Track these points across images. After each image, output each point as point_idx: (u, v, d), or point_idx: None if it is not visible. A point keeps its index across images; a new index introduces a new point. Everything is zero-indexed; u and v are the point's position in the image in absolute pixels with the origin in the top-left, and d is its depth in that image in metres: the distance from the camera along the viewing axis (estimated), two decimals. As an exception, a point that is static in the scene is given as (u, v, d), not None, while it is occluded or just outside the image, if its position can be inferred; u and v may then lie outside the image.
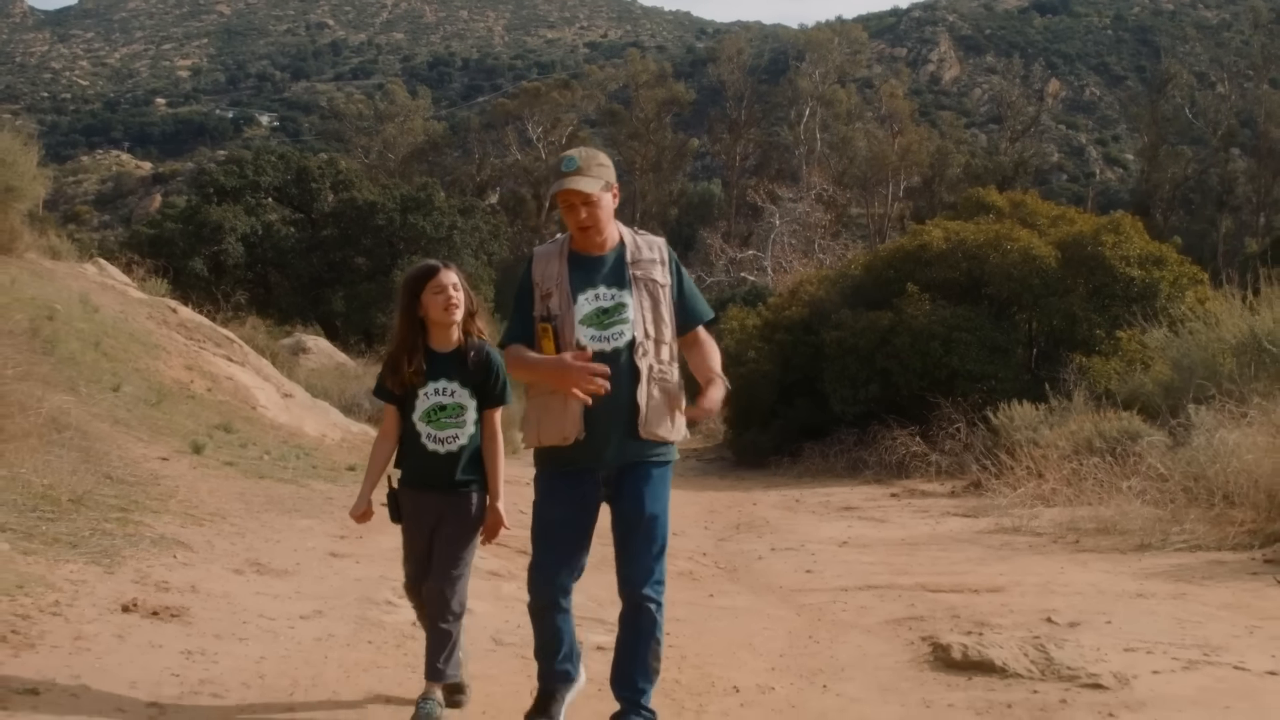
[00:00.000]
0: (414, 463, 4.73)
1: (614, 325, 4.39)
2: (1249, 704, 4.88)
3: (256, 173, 37.36)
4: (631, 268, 4.49)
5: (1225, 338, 14.21)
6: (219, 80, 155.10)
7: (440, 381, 4.69)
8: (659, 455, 4.47)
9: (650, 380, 4.38)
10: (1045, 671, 5.43)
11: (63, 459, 8.23)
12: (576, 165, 4.40)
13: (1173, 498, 10.29)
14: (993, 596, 7.36)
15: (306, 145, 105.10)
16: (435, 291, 4.65)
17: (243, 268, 34.35)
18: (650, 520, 4.42)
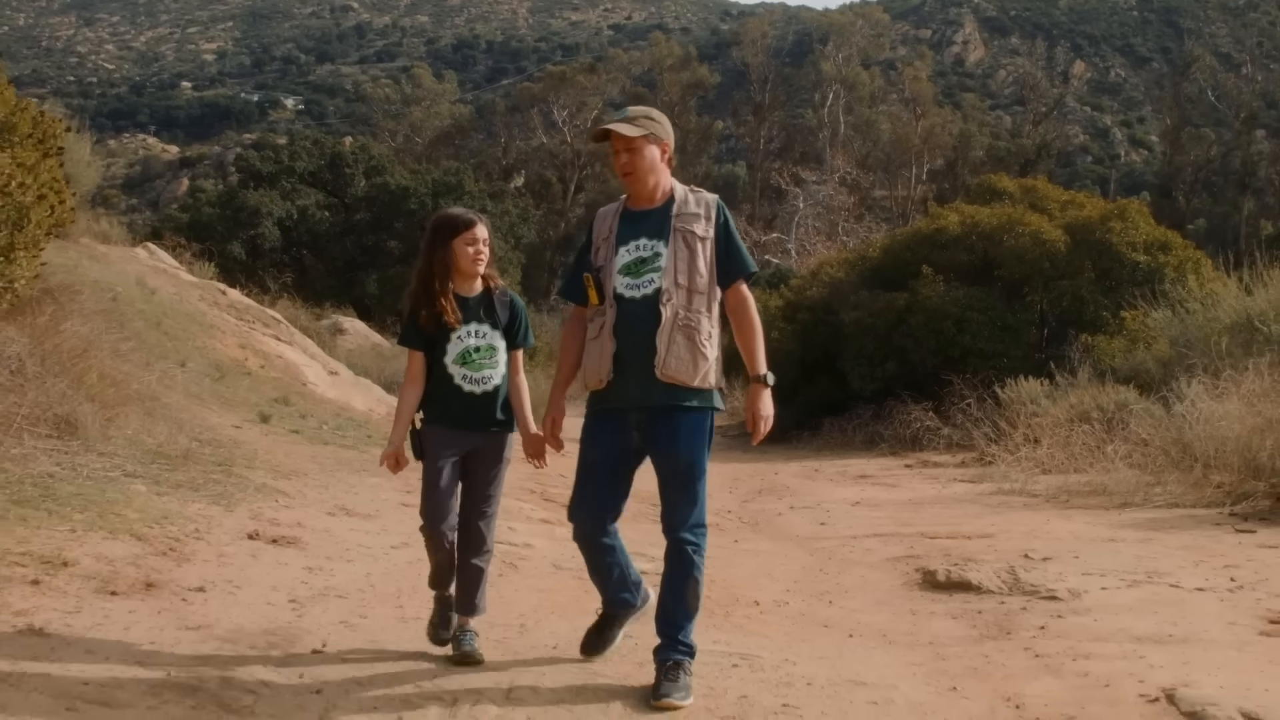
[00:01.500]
0: (448, 405, 4.85)
1: (646, 274, 4.56)
2: (1174, 609, 5.96)
3: (291, 158, 38.30)
4: (675, 220, 4.63)
5: (1221, 318, 15.07)
6: (244, 64, 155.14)
7: (471, 325, 4.84)
8: (689, 401, 4.57)
9: (674, 326, 4.50)
10: (1012, 589, 6.56)
11: (160, 424, 9.30)
12: (626, 114, 4.68)
13: (1156, 462, 11.27)
14: (982, 541, 8.42)
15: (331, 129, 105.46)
16: (468, 243, 4.82)
17: (279, 251, 35.33)
18: (685, 466, 4.58)
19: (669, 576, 4.64)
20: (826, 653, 5.36)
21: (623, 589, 4.86)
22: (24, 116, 8.41)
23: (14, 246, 7.62)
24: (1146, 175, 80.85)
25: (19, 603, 4.73)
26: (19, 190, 7.46)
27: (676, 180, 4.78)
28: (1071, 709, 4.42)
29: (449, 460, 4.81)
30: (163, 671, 4.25)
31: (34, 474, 6.56)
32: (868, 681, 4.82)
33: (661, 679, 4.48)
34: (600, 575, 4.84)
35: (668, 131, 4.74)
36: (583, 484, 4.71)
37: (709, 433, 4.68)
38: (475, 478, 4.89)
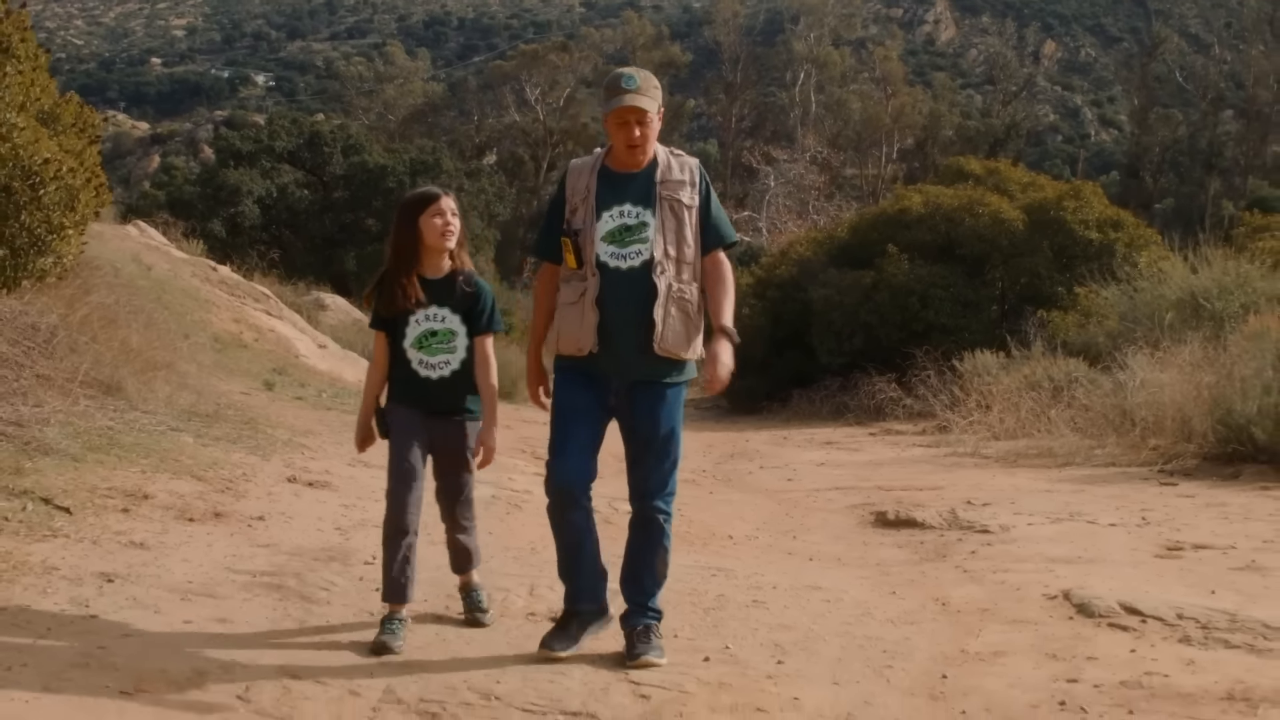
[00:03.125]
0: (405, 388, 4.79)
1: (633, 244, 4.45)
2: (1087, 539, 6.99)
3: (270, 137, 38.82)
4: (660, 186, 4.50)
5: (1167, 295, 16.07)
6: (214, 40, 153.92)
7: (431, 308, 4.73)
8: (674, 375, 4.54)
9: (669, 299, 4.42)
10: (952, 525, 7.60)
11: (183, 389, 10.19)
12: (637, 84, 4.43)
13: (1098, 426, 12.29)
14: (931, 492, 9.44)
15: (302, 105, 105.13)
16: (434, 215, 4.68)
17: (258, 229, 35.93)
18: (665, 436, 4.52)
19: (638, 546, 4.62)
20: (789, 570, 6.38)
21: (592, 578, 4.67)
22: (67, 107, 9.28)
23: (64, 226, 8.49)
24: (1116, 155, 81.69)
25: (117, 525, 5.69)
26: (69, 175, 8.33)
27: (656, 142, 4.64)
28: (986, 605, 5.44)
29: (414, 445, 4.73)
30: (248, 575, 5.25)
31: (97, 427, 7.49)
32: (823, 587, 5.83)
33: (635, 641, 4.48)
34: (572, 555, 4.65)
35: (662, 95, 4.59)
36: (563, 427, 4.55)
37: (683, 404, 4.68)
38: (445, 467, 4.87)
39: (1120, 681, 4.22)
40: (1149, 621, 4.95)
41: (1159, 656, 4.51)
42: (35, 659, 3.87)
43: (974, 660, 4.60)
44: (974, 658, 4.63)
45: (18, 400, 7.47)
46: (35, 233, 8.27)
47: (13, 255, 8.50)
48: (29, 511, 5.49)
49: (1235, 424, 10.07)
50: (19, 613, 4.32)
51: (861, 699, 4.11)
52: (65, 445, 6.73)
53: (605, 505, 4.47)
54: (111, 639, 4.15)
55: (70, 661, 3.88)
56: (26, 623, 4.22)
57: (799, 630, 5.00)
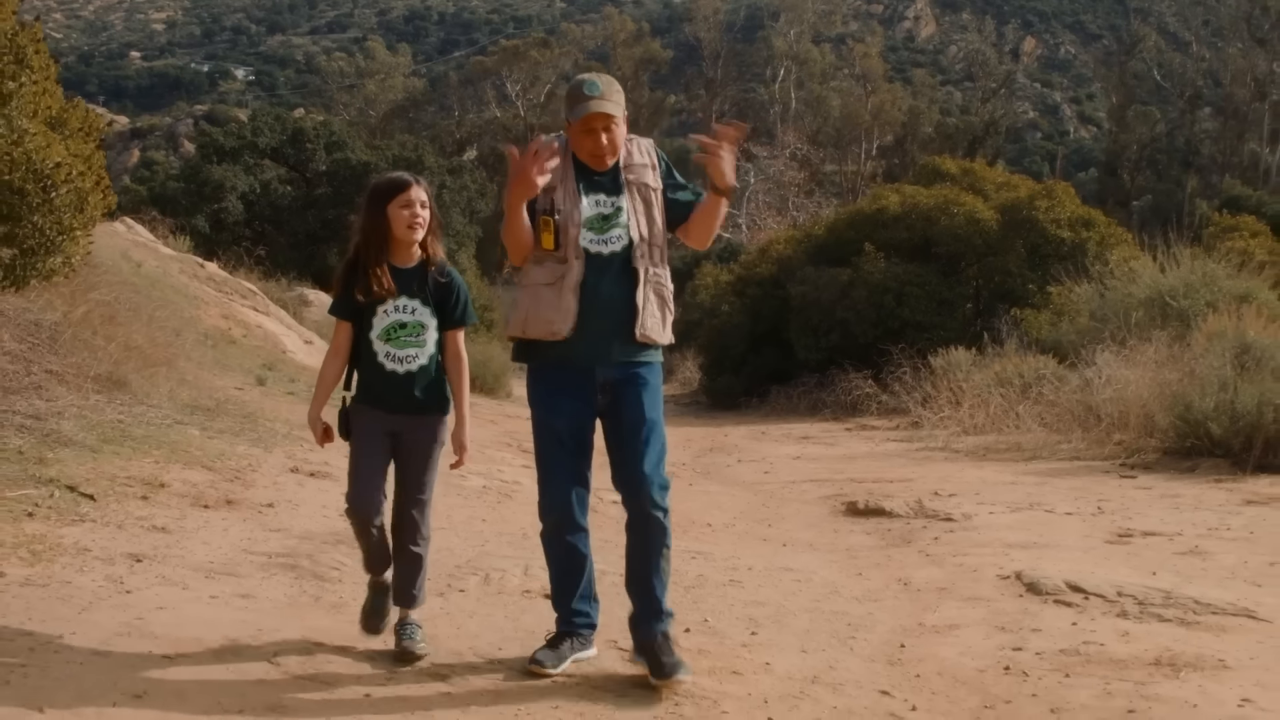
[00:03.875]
0: (370, 382, 4.54)
1: (611, 229, 4.39)
2: (1043, 527, 7.47)
3: (254, 133, 39.05)
4: (625, 172, 4.48)
5: (1136, 293, 16.55)
6: (194, 33, 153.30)
7: (401, 298, 4.50)
8: (652, 359, 4.49)
9: (647, 283, 4.40)
10: (918, 513, 8.07)
11: (182, 384, 10.57)
12: (600, 90, 4.35)
13: (1064, 422, 12.76)
14: (901, 483, 9.90)
15: (282, 100, 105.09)
16: (403, 206, 4.45)
17: (241, 225, 36.18)
18: (652, 426, 4.43)
19: (641, 551, 4.46)
20: (764, 553, 6.84)
21: (586, 599, 4.55)
22: (74, 112, 9.65)
23: (73, 228, 8.87)
24: (1095, 152, 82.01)
25: (138, 511, 6.10)
26: (79, 178, 8.70)
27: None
28: (944, 585, 5.91)
29: (376, 444, 4.52)
30: (264, 556, 5.67)
31: (108, 420, 7.89)
32: (794, 569, 6.29)
33: (659, 656, 4.29)
34: (566, 578, 4.54)
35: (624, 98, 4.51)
36: (552, 458, 4.48)
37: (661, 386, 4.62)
38: (406, 464, 4.57)
39: (1060, 650, 4.69)
40: (1091, 598, 5.42)
41: (1097, 629, 4.98)
42: (82, 628, 4.29)
43: (930, 632, 5.07)
44: (930, 630, 5.10)
45: (32, 395, 7.88)
46: (46, 234, 8.65)
47: (23, 255, 8.88)
48: (56, 498, 5.90)
49: (1193, 420, 10.53)
50: (61, 587, 4.74)
51: (827, 664, 4.57)
52: (82, 437, 7.15)
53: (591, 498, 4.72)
54: (147, 611, 4.56)
55: (114, 630, 4.30)
56: (69, 597, 4.64)
57: (771, 606, 5.47)
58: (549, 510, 4.48)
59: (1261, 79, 61.41)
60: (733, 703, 4.08)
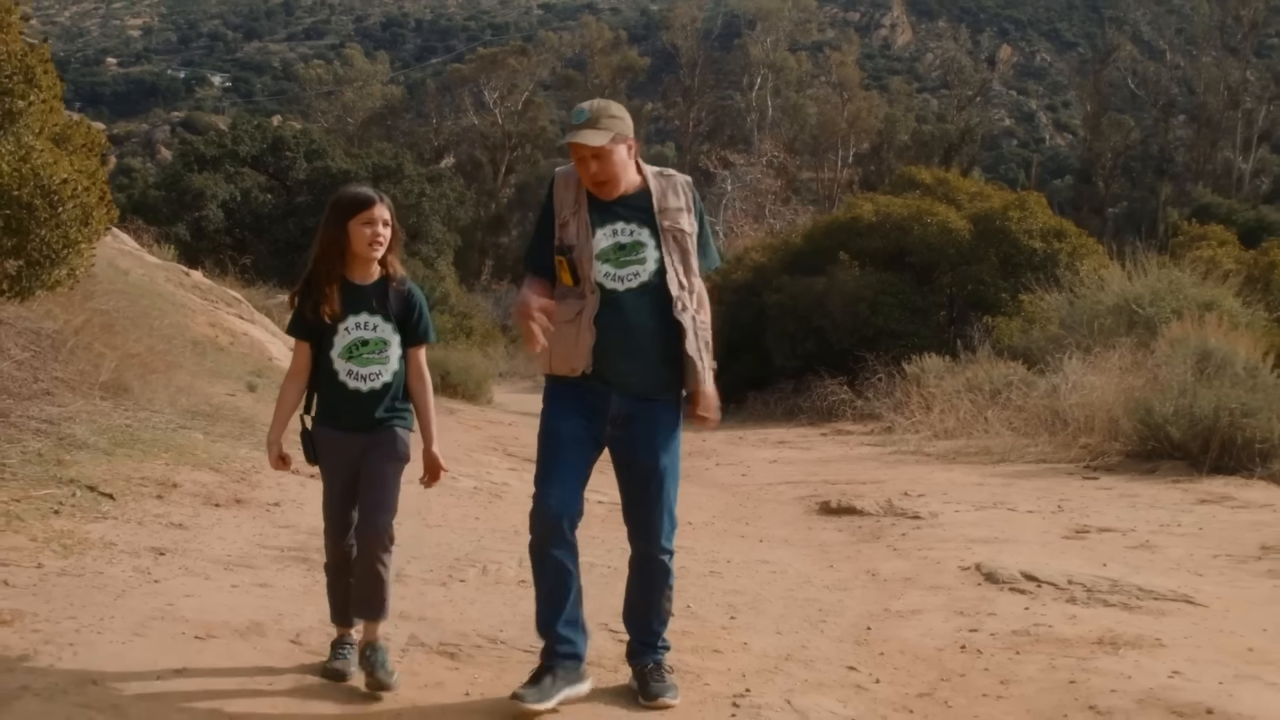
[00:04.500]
0: (333, 403, 4.43)
1: (629, 265, 4.26)
2: (1005, 524, 7.91)
3: (234, 142, 39.35)
4: (660, 217, 4.32)
5: (1105, 301, 17.02)
6: (170, 40, 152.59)
7: (362, 315, 4.38)
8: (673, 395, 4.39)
9: (696, 335, 4.35)
10: (887, 512, 8.51)
11: (179, 391, 10.94)
12: (586, 116, 4.22)
13: (1032, 426, 13.21)
14: (873, 485, 10.33)
15: (259, 106, 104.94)
16: (364, 223, 4.32)
17: (222, 233, 36.41)
18: (665, 473, 4.35)
19: (643, 589, 4.45)
20: (742, 548, 7.27)
21: (572, 626, 4.32)
22: (77, 129, 10.04)
23: (79, 241, 9.24)
24: (1071, 159, 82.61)
25: (155, 509, 6.50)
26: (84, 193, 9.07)
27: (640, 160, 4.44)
28: (909, 575, 6.36)
29: (345, 473, 4.43)
30: (277, 550, 6.08)
31: (116, 425, 8.27)
32: (770, 561, 6.73)
33: (649, 680, 4.29)
34: (553, 599, 4.30)
35: (629, 125, 4.32)
36: (555, 452, 4.31)
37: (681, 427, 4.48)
38: (368, 476, 4.40)
39: (1012, 631, 5.13)
40: (1043, 586, 5.86)
41: (1047, 613, 5.42)
42: (119, 613, 4.68)
43: (894, 617, 5.51)
44: (894, 615, 5.54)
45: (43, 401, 8.25)
46: (54, 247, 9.02)
47: (29, 267, 9.25)
48: (78, 497, 6.29)
49: (1154, 424, 10.98)
50: (94, 577, 5.13)
51: (799, 644, 5.00)
52: (94, 440, 7.53)
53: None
54: (176, 598, 4.96)
55: (148, 615, 4.69)
56: (103, 585, 5.03)
57: (749, 594, 5.90)
58: (539, 518, 4.25)
59: (1234, 87, 62.02)
60: (714, 676, 4.51)
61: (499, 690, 4.17)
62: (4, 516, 5.67)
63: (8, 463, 6.55)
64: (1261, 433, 10.21)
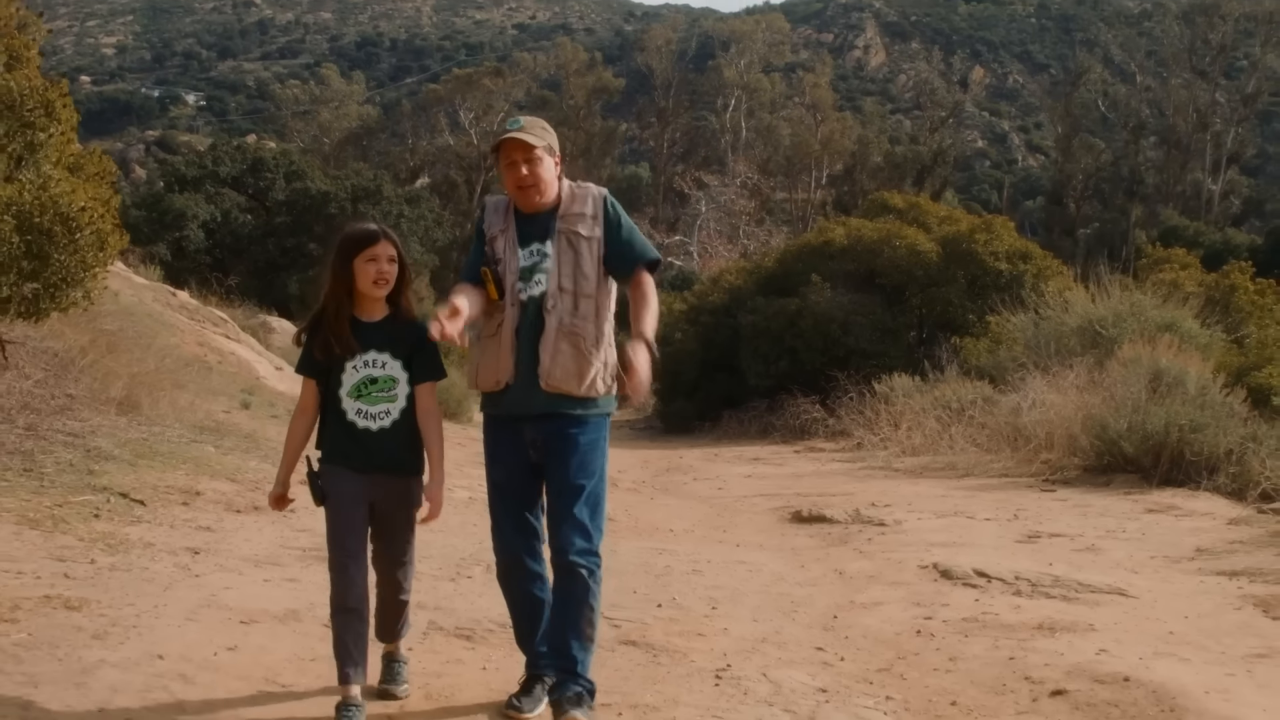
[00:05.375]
0: (341, 442, 4.37)
1: (536, 275, 4.33)
2: (963, 530, 8.57)
3: (215, 163, 39.73)
4: (559, 221, 4.38)
5: (1069, 322, 17.67)
6: (144, 58, 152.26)
7: (370, 353, 4.34)
8: (576, 410, 4.36)
9: (559, 334, 4.29)
10: (855, 520, 9.15)
11: (185, 409, 11.49)
12: (521, 124, 4.39)
13: (995, 442, 13.85)
14: (843, 497, 10.96)
15: (233, 125, 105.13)
16: (369, 260, 4.29)
17: (203, 253, 36.75)
18: (577, 482, 4.33)
19: (560, 606, 4.33)
20: (721, 551, 7.91)
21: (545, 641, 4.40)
22: (90, 159, 10.62)
23: (94, 265, 9.80)
24: (1043, 180, 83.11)
25: (183, 514, 7.08)
26: (100, 220, 9.63)
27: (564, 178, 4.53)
28: (873, 573, 7.00)
29: (353, 509, 4.37)
30: (299, 550, 6.66)
31: (134, 438, 8.84)
32: (747, 562, 7.36)
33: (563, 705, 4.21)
34: (525, 620, 4.50)
35: (557, 143, 4.49)
36: (496, 506, 4.50)
37: (604, 442, 4.50)
38: (385, 527, 4.43)
39: (962, 618, 5.77)
40: (993, 581, 6.50)
41: (995, 603, 6.07)
42: (170, 602, 5.27)
43: (858, 607, 6.14)
44: (858, 606, 6.18)
45: (65, 416, 8.82)
46: (71, 270, 9.57)
47: (46, 289, 9.80)
48: (112, 504, 6.86)
49: (1109, 439, 11.62)
50: (142, 572, 5.71)
51: (774, 630, 5.62)
52: (118, 453, 8.11)
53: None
54: (217, 590, 5.54)
55: (196, 604, 5.28)
56: (151, 579, 5.60)
57: (728, 589, 6.52)
58: (499, 555, 4.49)
59: (1203, 110, 62.81)
60: (699, 655, 5.12)
61: (511, 667, 4.71)
62: (51, 520, 6.25)
63: (45, 472, 7.13)
64: (1208, 447, 10.85)
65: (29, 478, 6.98)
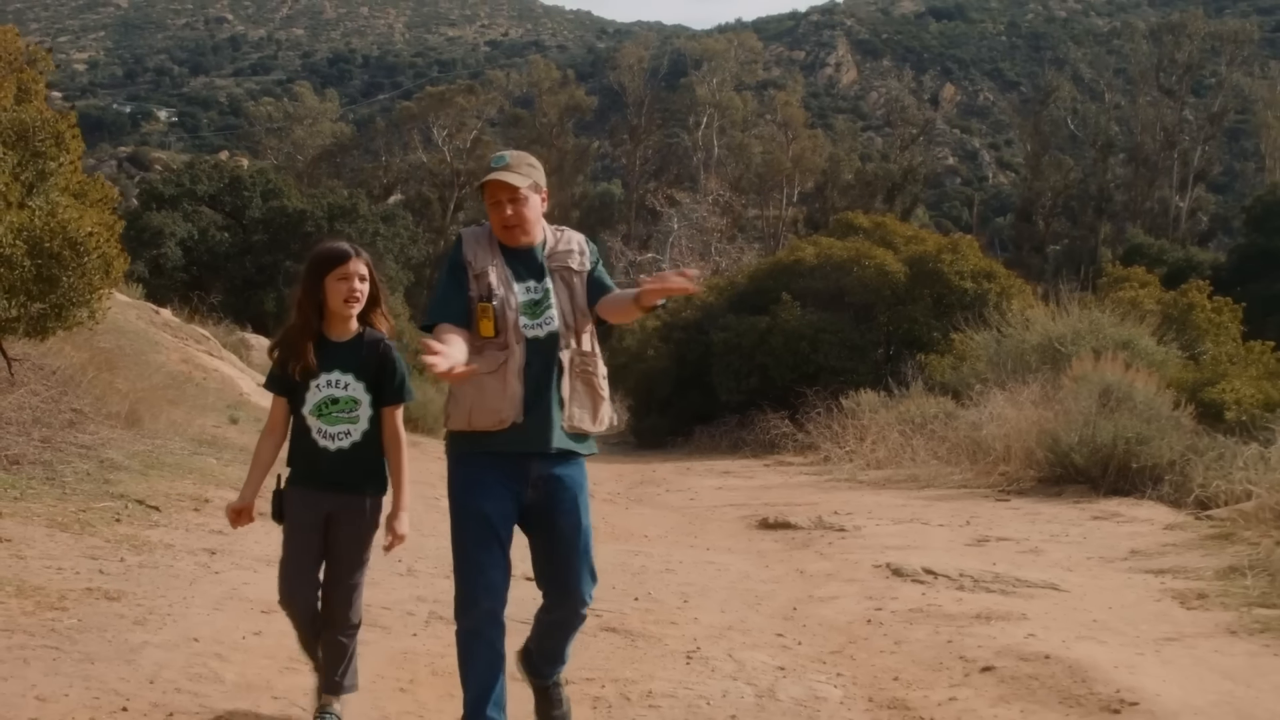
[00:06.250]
0: (303, 460, 4.42)
1: (543, 313, 4.22)
2: (918, 535, 9.25)
3: (192, 181, 40.07)
4: (548, 260, 4.30)
5: (1029, 340, 18.32)
6: (116, 74, 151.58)
7: (334, 373, 4.32)
8: (584, 451, 4.33)
9: (572, 373, 4.24)
10: (817, 526, 9.81)
11: (178, 424, 12.05)
12: (506, 162, 4.26)
13: (956, 455, 14.49)
14: (808, 506, 11.61)
15: (205, 142, 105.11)
16: (340, 279, 4.27)
17: (180, 270, 37.08)
18: (586, 532, 4.30)
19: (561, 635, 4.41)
20: (692, 554, 8.55)
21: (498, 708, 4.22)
22: (94, 186, 11.19)
23: (100, 287, 10.36)
24: (1014, 197, 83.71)
25: (195, 519, 7.66)
26: (105, 244, 10.20)
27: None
28: (831, 572, 7.65)
29: (309, 534, 4.40)
30: (305, 551, 7.20)
31: (140, 451, 9.42)
32: (716, 563, 8.01)
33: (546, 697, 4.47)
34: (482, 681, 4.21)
35: (544, 177, 4.39)
36: (477, 549, 4.24)
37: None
38: (336, 546, 4.39)
39: (909, 609, 6.42)
40: (939, 578, 7.15)
41: (939, 597, 6.71)
42: (197, 594, 5.86)
43: (816, 601, 6.79)
44: (816, 599, 6.82)
45: (73, 430, 9.38)
46: (79, 292, 10.13)
47: (54, 309, 10.36)
48: (130, 509, 7.44)
49: (1060, 451, 12.26)
50: (167, 569, 6.29)
51: (739, 619, 6.25)
52: (128, 463, 8.68)
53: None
54: (237, 585, 6.12)
55: (220, 596, 5.87)
56: (177, 575, 6.18)
57: (698, 585, 7.16)
58: (472, 605, 4.22)
59: (1170, 128, 63.54)
60: (672, 640, 5.75)
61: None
62: (78, 523, 6.83)
63: (66, 481, 7.71)
64: (1152, 459, 11.50)
65: (52, 486, 7.55)
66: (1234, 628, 5.89)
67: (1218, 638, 5.74)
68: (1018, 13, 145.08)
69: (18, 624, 5.01)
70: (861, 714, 4.78)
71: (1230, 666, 5.22)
